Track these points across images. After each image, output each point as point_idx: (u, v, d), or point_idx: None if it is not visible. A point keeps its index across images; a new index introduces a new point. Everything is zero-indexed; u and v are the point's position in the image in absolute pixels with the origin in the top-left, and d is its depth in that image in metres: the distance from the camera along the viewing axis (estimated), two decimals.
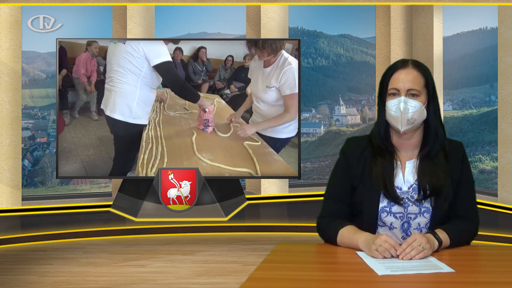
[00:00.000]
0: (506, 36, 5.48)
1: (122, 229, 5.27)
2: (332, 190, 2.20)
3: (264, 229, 5.38)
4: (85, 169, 5.04)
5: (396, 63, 2.14)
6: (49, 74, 6.61)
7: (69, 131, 5.09)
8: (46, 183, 6.57)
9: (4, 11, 5.61)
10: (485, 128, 6.65)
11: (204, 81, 5.12)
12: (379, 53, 6.35)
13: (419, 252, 1.88)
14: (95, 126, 5.08)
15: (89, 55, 5.00)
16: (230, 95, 5.13)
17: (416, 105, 2.08)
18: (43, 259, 4.53)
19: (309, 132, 7.18)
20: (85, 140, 5.03)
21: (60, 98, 5.07)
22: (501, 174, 5.55)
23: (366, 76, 7.27)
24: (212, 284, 3.88)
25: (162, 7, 6.19)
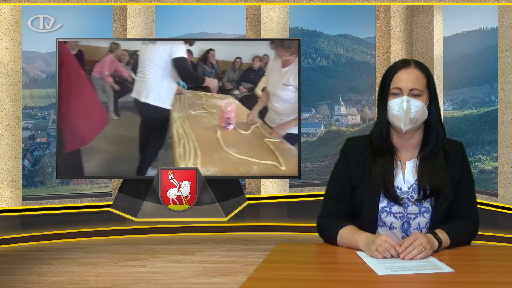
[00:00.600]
0: (506, 36, 5.48)
1: (122, 229, 5.27)
2: (332, 190, 2.20)
3: (264, 229, 5.38)
4: (108, 167, 5.27)
5: (397, 63, 2.14)
6: (49, 74, 6.61)
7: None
8: (46, 183, 6.57)
9: (4, 11, 5.61)
10: (485, 128, 6.64)
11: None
12: (379, 53, 6.35)
13: (420, 252, 1.88)
14: (113, 125, 5.32)
15: (114, 57, 5.23)
16: (240, 96, 5.35)
17: (419, 105, 2.08)
18: (43, 259, 4.53)
19: (309, 132, 7.18)
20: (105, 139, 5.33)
21: None
22: (501, 174, 5.55)
23: (366, 76, 7.27)
24: (212, 284, 3.88)
25: (162, 7, 6.19)
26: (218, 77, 5.33)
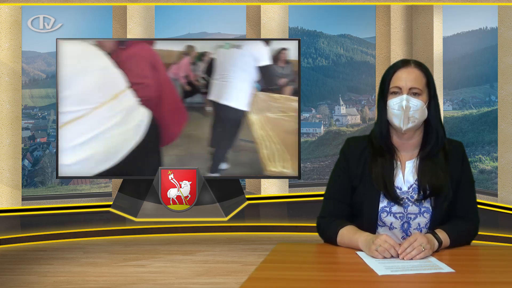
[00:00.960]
0: (506, 36, 5.48)
1: (122, 229, 5.27)
2: (332, 190, 2.20)
3: (264, 229, 5.38)
4: (181, 163, 5.34)
5: (397, 62, 2.15)
6: (49, 74, 6.61)
7: None
8: (46, 183, 6.57)
9: (4, 11, 5.61)
10: (485, 128, 6.64)
11: (288, 84, 5.39)
12: (379, 53, 6.35)
13: (420, 252, 1.88)
14: None
15: (190, 59, 5.36)
16: None
17: (418, 104, 2.08)
18: (43, 259, 4.53)
19: (309, 132, 7.18)
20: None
21: None
22: (501, 174, 5.55)
23: (366, 76, 7.27)
24: (212, 284, 3.88)
25: (162, 7, 6.19)
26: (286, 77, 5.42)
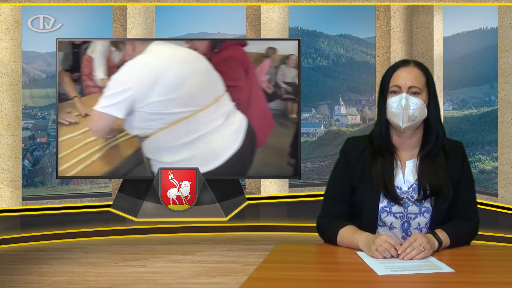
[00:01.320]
0: (506, 36, 5.47)
1: (122, 229, 5.27)
2: (332, 190, 2.20)
3: (264, 229, 5.38)
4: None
5: (397, 62, 2.15)
6: (49, 74, 6.61)
7: None
8: (46, 183, 6.57)
9: (4, 11, 5.61)
10: (485, 128, 6.64)
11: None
12: (379, 53, 6.35)
13: (420, 252, 1.88)
14: None
15: (271, 62, 5.31)
16: None
17: (418, 102, 2.08)
18: (43, 259, 4.53)
19: (309, 132, 7.18)
20: None
21: None
22: (501, 174, 5.55)
23: (366, 76, 7.27)
24: (212, 284, 3.88)
25: (162, 7, 6.19)
26: None
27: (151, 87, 5.01)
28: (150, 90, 5.03)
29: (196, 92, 5.13)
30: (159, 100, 5.01)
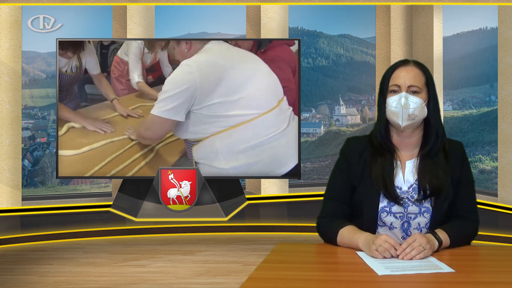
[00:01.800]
0: (506, 36, 5.48)
1: (122, 229, 5.27)
2: (332, 190, 2.20)
3: (264, 229, 5.38)
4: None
5: (396, 62, 2.16)
6: (49, 74, 6.61)
7: None
8: (46, 183, 6.57)
9: (4, 11, 5.61)
10: (485, 128, 6.64)
11: None
12: (379, 53, 6.35)
13: (420, 252, 1.88)
14: None
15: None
16: None
17: (417, 101, 2.08)
18: (43, 259, 4.53)
19: (309, 132, 7.18)
20: None
21: None
22: (501, 174, 5.55)
23: (366, 76, 7.27)
24: (212, 284, 3.88)
25: (162, 7, 6.19)
26: None
27: (214, 87, 4.68)
28: (213, 90, 4.71)
29: (259, 94, 4.87)
30: (220, 101, 4.69)
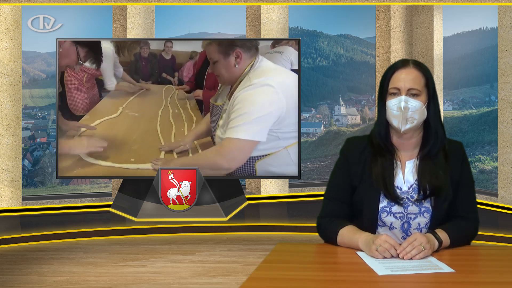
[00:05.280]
0: (506, 36, 5.48)
1: (122, 229, 5.27)
2: (332, 190, 2.20)
3: (264, 229, 5.38)
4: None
5: (396, 63, 2.15)
6: (49, 74, 6.61)
7: None
8: (46, 183, 6.57)
9: (4, 11, 5.61)
10: (485, 128, 6.64)
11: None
12: (379, 53, 6.35)
13: (420, 252, 1.88)
14: None
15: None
16: None
17: (417, 105, 2.08)
18: (43, 259, 4.53)
19: (309, 132, 7.18)
20: None
21: None
22: (501, 174, 5.55)
23: (366, 76, 7.27)
24: (212, 284, 3.88)
25: (162, 7, 6.19)
26: None
27: (295, 106, 4.69)
28: (294, 109, 4.71)
29: None
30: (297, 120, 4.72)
